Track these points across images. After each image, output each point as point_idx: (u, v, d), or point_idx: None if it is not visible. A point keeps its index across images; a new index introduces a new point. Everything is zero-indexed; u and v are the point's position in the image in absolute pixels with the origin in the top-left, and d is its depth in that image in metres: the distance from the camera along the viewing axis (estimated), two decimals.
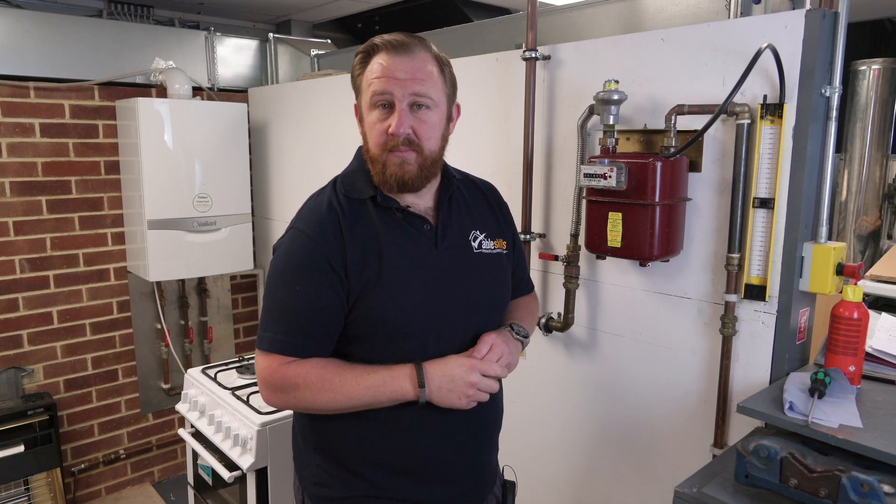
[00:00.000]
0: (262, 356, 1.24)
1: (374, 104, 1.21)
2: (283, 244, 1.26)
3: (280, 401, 1.26)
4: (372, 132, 1.23)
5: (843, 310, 1.41)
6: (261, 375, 1.24)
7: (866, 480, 1.08)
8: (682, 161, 1.60)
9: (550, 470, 2.11)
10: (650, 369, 1.79)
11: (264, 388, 1.25)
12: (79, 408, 3.09)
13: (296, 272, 1.22)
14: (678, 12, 2.03)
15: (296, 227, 1.26)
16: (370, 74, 1.21)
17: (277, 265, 1.25)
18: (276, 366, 1.22)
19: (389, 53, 1.20)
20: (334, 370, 1.22)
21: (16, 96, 2.75)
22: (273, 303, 1.24)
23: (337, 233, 1.22)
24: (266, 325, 1.24)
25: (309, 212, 1.27)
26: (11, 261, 2.82)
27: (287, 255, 1.24)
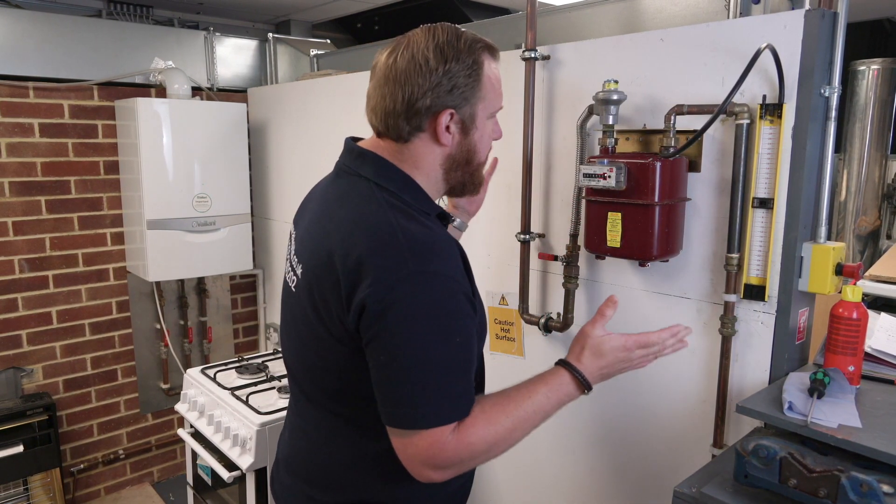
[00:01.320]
0: (420, 436, 1.01)
1: (495, 113, 1.17)
2: (411, 294, 1.00)
3: (453, 472, 1.05)
4: (487, 142, 1.17)
5: (842, 310, 1.41)
6: (425, 456, 1.02)
7: (865, 480, 1.08)
8: (681, 161, 1.60)
9: (550, 470, 2.11)
10: (649, 369, 1.78)
11: (429, 469, 1.03)
12: (78, 408, 3.09)
13: (451, 324, 1.03)
14: (677, 12, 2.03)
15: (427, 270, 1.02)
16: (494, 82, 1.13)
17: (420, 325, 1.00)
18: (445, 440, 1.01)
19: (497, 59, 1.16)
20: (492, 402, 1.09)
21: (15, 96, 2.74)
22: (425, 370, 1.01)
23: (460, 263, 1.09)
24: (422, 397, 1.01)
25: (425, 247, 1.03)
26: (10, 261, 2.82)
27: (434, 309, 1.01)
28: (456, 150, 1.14)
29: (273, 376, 2.51)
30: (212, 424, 2.27)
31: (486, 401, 1.10)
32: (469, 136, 1.13)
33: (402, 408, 1.02)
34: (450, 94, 1.09)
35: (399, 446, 1.05)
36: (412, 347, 1.00)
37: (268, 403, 2.26)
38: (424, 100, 1.08)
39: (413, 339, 1.00)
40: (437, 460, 1.03)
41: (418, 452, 1.03)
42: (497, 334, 2.22)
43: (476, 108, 1.12)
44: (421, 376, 1.01)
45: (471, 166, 1.17)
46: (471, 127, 1.13)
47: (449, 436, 1.02)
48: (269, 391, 2.37)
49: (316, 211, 1.19)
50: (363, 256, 1.02)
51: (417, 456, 1.03)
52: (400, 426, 1.03)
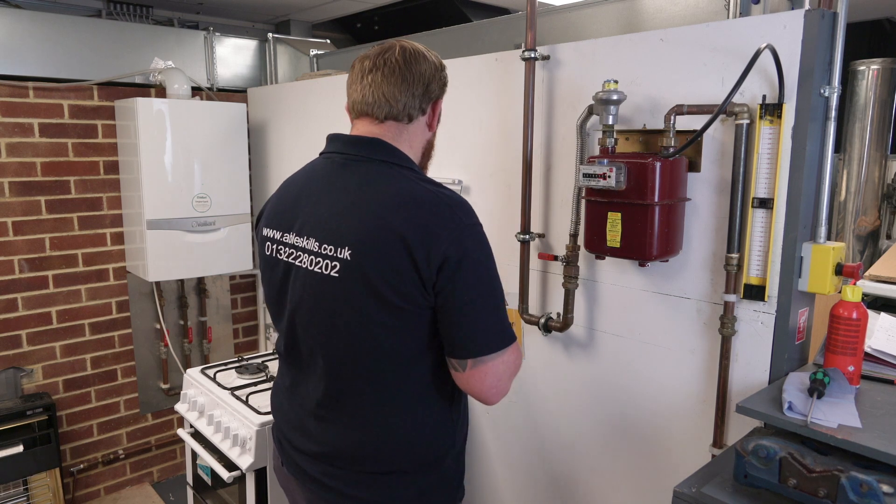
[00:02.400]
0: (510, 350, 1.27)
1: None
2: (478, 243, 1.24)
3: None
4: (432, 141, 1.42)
5: (842, 310, 1.41)
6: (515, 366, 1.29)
7: (865, 480, 1.08)
8: (681, 161, 1.60)
9: (549, 470, 2.11)
10: (649, 369, 1.79)
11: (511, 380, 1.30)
12: (78, 408, 3.09)
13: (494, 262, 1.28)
14: (677, 12, 2.03)
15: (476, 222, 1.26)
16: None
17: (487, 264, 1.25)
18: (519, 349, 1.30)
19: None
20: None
21: (15, 96, 2.74)
22: (500, 297, 1.26)
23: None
24: (503, 320, 1.26)
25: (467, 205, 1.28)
26: (10, 261, 2.82)
27: (488, 251, 1.26)
28: (432, 138, 1.39)
29: (273, 376, 2.51)
30: (212, 424, 2.27)
31: None
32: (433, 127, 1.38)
33: (493, 333, 1.23)
34: (442, 89, 1.36)
35: (492, 370, 1.24)
36: (489, 285, 1.24)
37: (268, 403, 2.26)
38: (433, 85, 1.33)
39: (488, 278, 1.24)
40: (518, 368, 1.30)
41: (510, 366, 1.27)
42: None
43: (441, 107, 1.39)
44: (499, 304, 1.25)
45: (431, 158, 1.40)
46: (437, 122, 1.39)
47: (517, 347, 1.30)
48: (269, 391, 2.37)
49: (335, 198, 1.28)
50: (425, 221, 1.20)
51: (510, 369, 1.27)
52: (492, 350, 1.23)
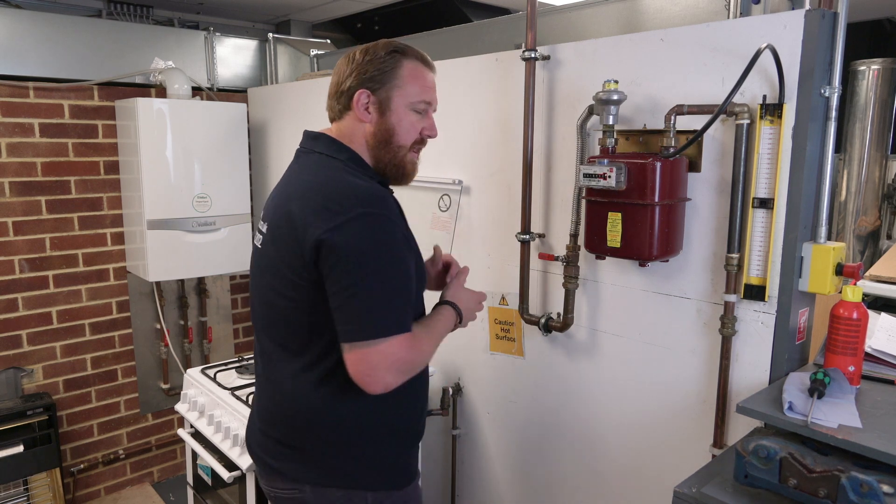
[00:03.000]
0: (391, 342, 1.23)
1: (416, 108, 1.38)
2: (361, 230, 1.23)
3: (404, 378, 1.29)
4: (408, 129, 1.38)
5: (842, 310, 1.41)
6: (394, 359, 1.23)
7: (865, 480, 1.08)
8: (681, 161, 1.60)
9: (549, 469, 2.11)
10: (649, 369, 1.79)
11: (393, 373, 1.25)
12: (78, 408, 3.09)
13: (393, 251, 1.26)
14: (677, 12, 2.03)
15: (369, 212, 1.24)
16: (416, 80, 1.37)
17: (373, 252, 1.23)
18: (409, 343, 1.26)
19: (427, 67, 1.41)
20: (424, 325, 1.38)
21: (15, 96, 2.74)
22: (386, 286, 1.24)
23: (400, 213, 1.35)
24: (385, 310, 1.23)
25: (370, 195, 1.27)
26: (11, 261, 2.82)
27: (379, 239, 1.24)
28: (376, 129, 1.37)
29: None
30: (212, 424, 2.27)
31: (420, 324, 1.38)
32: (385, 117, 1.36)
33: (373, 321, 1.22)
34: (366, 77, 1.36)
35: (362, 358, 1.23)
36: (371, 270, 1.23)
37: None
38: (347, 82, 1.37)
39: (371, 263, 1.23)
40: (400, 363, 1.25)
41: (385, 357, 1.23)
42: (497, 334, 2.22)
43: (392, 94, 1.36)
44: (383, 293, 1.24)
45: (391, 147, 1.38)
46: (386, 109, 1.36)
47: (411, 341, 1.27)
48: None
49: (279, 184, 1.44)
50: (318, 205, 1.26)
51: (386, 360, 1.23)
52: (367, 337, 1.22)
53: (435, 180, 2.34)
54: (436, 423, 2.47)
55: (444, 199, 2.35)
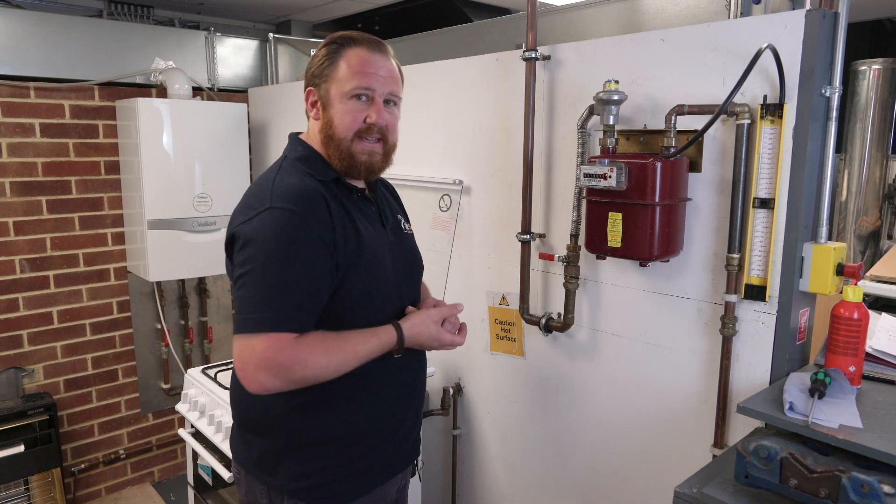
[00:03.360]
0: (259, 338, 1.18)
1: (354, 94, 1.31)
2: (264, 224, 1.22)
3: (281, 381, 1.20)
4: (344, 119, 1.32)
5: (843, 310, 1.41)
6: (260, 357, 1.17)
7: (866, 481, 1.08)
8: (681, 161, 1.60)
9: (550, 469, 2.11)
10: (650, 369, 1.79)
11: (264, 372, 1.18)
12: (79, 408, 3.09)
13: (291, 248, 1.21)
14: (678, 12, 2.03)
15: (276, 207, 1.23)
16: (351, 65, 1.31)
17: (266, 244, 1.21)
18: (282, 344, 1.18)
19: (370, 49, 1.33)
20: (331, 336, 1.26)
21: (16, 96, 2.75)
22: (268, 282, 1.20)
23: (324, 209, 1.26)
24: (261, 305, 1.20)
25: (287, 191, 1.26)
26: (11, 261, 2.82)
27: (277, 234, 1.22)
28: (322, 125, 1.35)
29: None
30: (212, 424, 2.27)
31: (327, 334, 1.26)
32: (327, 111, 1.34)
33: (248, 313, 1.20)
34: (311, 76, 1.36)
35: (238, 350, 1.20)
36: (257, 264, 1.21)
37: None
38: (306, 80, 1.38)
39: (258, 257, 1.21)
40: (271, 363, 1.18)
41: (256, 353, 1.18)
42: (497, 334, 2.22)
43: (330, 87, 1.33)
44: (263, 288, 1.20)
45: (334, 141, 1.33)
46: (327, 104, 1.34)
47: (287, 343, 1.19)
48: None
49: None
50: (243, 203, 1.30)
51: (255, 357, 1.18)
52: (244, 330, 1.19)
53: (435, 180, 2.34)
54: (436, 422, 2.47)
55: (444, 199, 2.35)
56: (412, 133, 2.41)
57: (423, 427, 2.38)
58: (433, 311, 1.39)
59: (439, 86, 2.31)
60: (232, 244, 1.27)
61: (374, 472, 1.40)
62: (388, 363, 1.35)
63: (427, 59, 2.39)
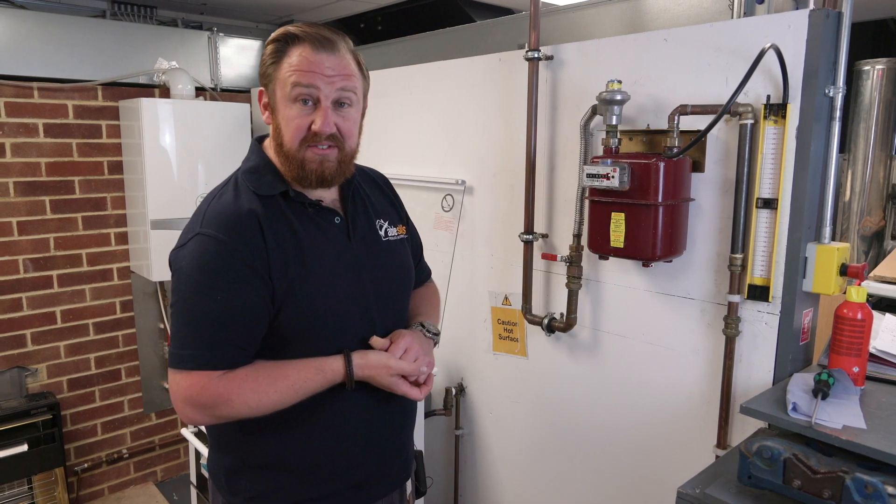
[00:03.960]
0: (183, 375, 1.14)
1: (295, 98, 1.17)
2: (190, 253, 1.15)
3: (208, 417, 1.17)
4: (289, 126, 1.19)
5: (846, 310, 1.40)
6: (184, 395, 1.14)
7: (870, 482, 1.08)
8: (684, 161, 1.60)
9: (553, 471, 2.11)
10: (653, 370, 1.79)
11: (189, 408, 1.15)
12: (82, 407, 3.09)
13: (214, 280, 1.14)
14: (681, 12, 2.02)
15: (203, 234, 1.15)
16: (291, 66, 1.17)
17: (189, 276, 1.14)
18: (205, 383, 1.13)
19: (314, 48, 1.17)
20: (266, 370, 1.18)
21: (20, 97, 2.75)
22: (190, 316, 1.14)
23: (256, 234, 1.16)
24: (184, 341, 1.14)
25: (217, 215, 1.17)
26: (15, 260, 2.83)
27: (200, 264, 1.14)
28: (273, 131, 1.24)
29: None
30: None
31: (261, 368, 1.18)
32: (275, 116, 1.22)
33: (174, 348, 1.16)
34: (260, 76, 1.24)
35: (170, 384, 1.18)
36: (180, 296, 1.16)
37: None
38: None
39: (181, 289, 1.16)
40: (195, 401, 1.14)
41: (180, 390, 1.15)
42: (500, 334, 2.22)
43: (275, 89, 1.20)
44: (185, 323, 1.15)
45: (283, 150, 1.21)
46: (274, 108, 1.22)
47: (212, 381, 1.14)
48: None
49: None
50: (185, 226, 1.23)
51: (180, 393, 1.15)
52: (171, 365, 1.16)
53: (438, 180, 2.34)
54: (439, 423, 2.47)
55: (447, 200, 2.35)
56: (415, 133, 2.41)
57: (426, 427, 2.38)
58: (393, 363, 1.24)
59: (442, 86, 2.31)
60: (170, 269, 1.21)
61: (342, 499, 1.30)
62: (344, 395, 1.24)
63: (430, 59, 2.39)
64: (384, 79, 2.44)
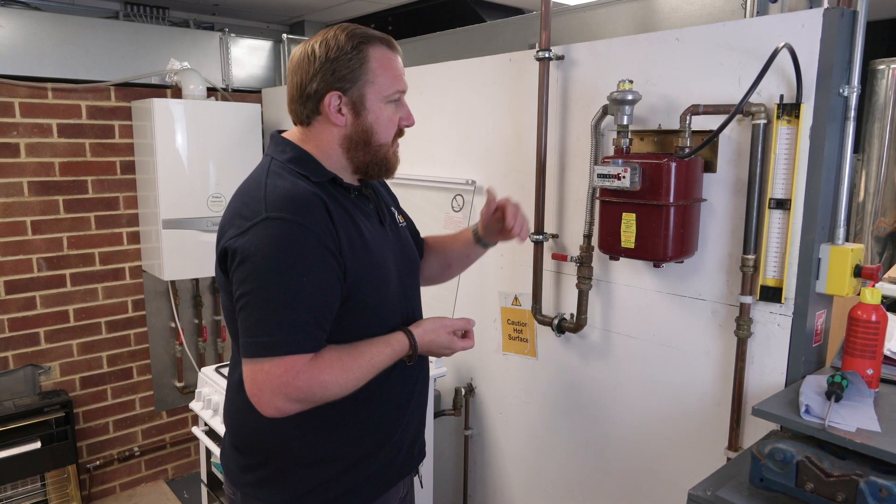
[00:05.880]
0: (274, 363, 1.11)
1: (392, 100, 1.26)
2: (261, 238, 1.13)
3: (301, 405, 1.15)
4: (388, 125, 1.27)
5: (860, 312, 1.39)
6: (276, 384, 1.11)
7: (885, 485, 1.07)
8: (696, 161, 1.59)
9: (561, 471, 2.10)
10: (664, 371, 1.78)
11: (281, 397, 1.12)
12: (94, 405, 3.12)
13: (296, 261, 1.12)
14: (693, 12, 2.01)
15: (273, 217, 1.13)
16: (385, 69, 1.24)
17: (267, 260, 1.12)
18: (300, 367, 1.11)
19: (392, 49, 1.26)
20: (345, 350, 1.19)
21: (34, 97, 2.78)
22: (276, 301, 1.12)
23: (325, 216, 1.17)
24: (271, 327, 1.12)
25: (283, 198, 1.16)
26: (29, 259, 2.86)
27: (279, 247, 1.12)
28: (352, 131, 1.25)
29: None
30: None
31: (341, 349, 1.20)
32: (362, 117, 1.24)
33: (258, 336, 1.12)
34: (334, 78, 1.22)
35: (250, 375, 1.13)
36: (259, 282, 1.12)
37: None
38: (312, 85, 1.23)
39: (261, 274, 1.12)
40: (289, 388, 1.11)
41: (270, 379, 1.11)
42: (510, 335, 2.21)
43: (365, 91, 1.23)
44: (271, 308, 1.12)
45: (371, 147, 1.26)
46: (361, 109, 1.24)
47: (305, 366, 1.12)
48: None
49: None
50: (234, 211, 1.20)
51: (270, 383, 1.11)
52: (255, 354, 1.12)
53: (448, 180, 2.34)
54: (448, 423, 2.47)
55: (457, 200, 2.35)
56: (425, 133, 2.41)
57: (435, 428, 2.38)
58: (447, 321, 1.34)
59: (452, 86, 2.31)
60: (225, 259, 1.18)
61: (377, 482, 1.35)
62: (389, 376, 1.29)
63: (440, 59, 2.39)
64: None
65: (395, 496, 1.42)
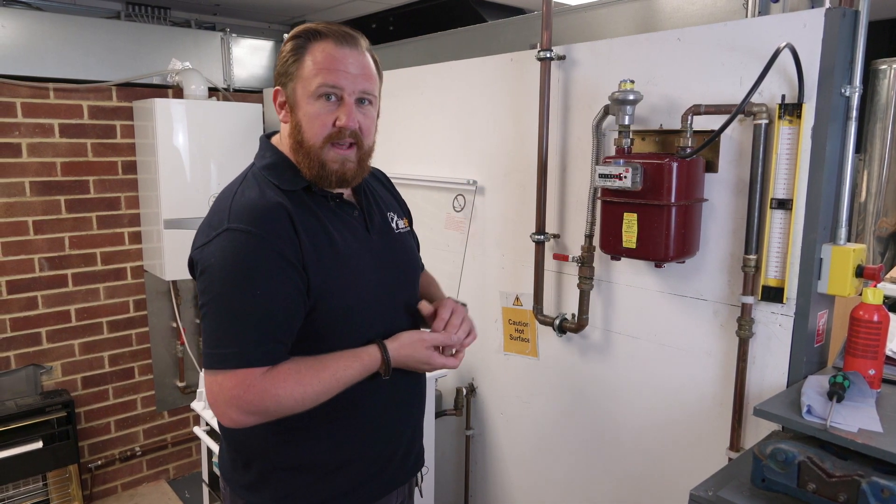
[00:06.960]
0: (226, 375, 1.10)
1: (320, 95, 1.18)
2: (220, 249, 1.12)
3: (255, 417, 1.13)
4: (313, 123, 1.19)
5: (862, 312, 1.39)
6: (228, 396, 1.10)
7: (887, 486, 1.07)
8: (698, 161, 1.58)
9: (564, 472, 2.10)
10: (665, 371, 1.78)
11: (234, 410, 1.11)
12: (96, 405, 3.13)
13: (251, 274, 1.11)
14: (695, 12, 2.01)
15: (233, 228, 1.12)
16: (316, 62, 1.18)
17: (223, 272, 1.11)
18: (251, 381, 1.09)
19: (338, 43, 1.19)
20: (307, 364, 1.16)
21: (36, 97, 2.78)
22: (229, 313, 1.11)
23: (287, 226, 1.15)
24: (224, 340, 1.11)
25: (246, 209, 1.14)
26: (31, 259, 2.86)
27: (235, 259, 1.11)
28: (291, 128, 1.22)
29: None
30: None
31: (302, 362, 1.16)
32: (295, 114, 1.21)
33: (213, 348, 1.11)
34: (278, 73, 1.23)
35: (208, 386, 1.13)
36: (215, 294, 1.11)
37: None
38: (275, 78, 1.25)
39: (217, 286, 1.11)
40: (241, 401, 1.10)
41: (224, 391, 1.10)
42: (511, 335, 2.21)
43: (296, 87, 1.20)
44: (225, 320, 1.11)
45: (303, 148, 1.20)
46: (294, 105, 1.21)
47: (257, 380, 1.10)
48: None
49: None
50: (204, 222, 1.20)
51: (223, 395, 1.11)
52: (210, 366, 1.12)
53: (449, 180, 2.34)
54: (449, 423, 2.47)
55: (458, 200, 2.35)
56: (426, 133, 2.41)
57: (437, 428, 2.38)
58: (426, 335, 1.27)
59: (454, 86, 2.31)
60: (193, 268, 1.18)
61: (364, 492, 1.31)
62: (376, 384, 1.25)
63: (441, 59, 2.39)
64: (396, 79, 2.44)
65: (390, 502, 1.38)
